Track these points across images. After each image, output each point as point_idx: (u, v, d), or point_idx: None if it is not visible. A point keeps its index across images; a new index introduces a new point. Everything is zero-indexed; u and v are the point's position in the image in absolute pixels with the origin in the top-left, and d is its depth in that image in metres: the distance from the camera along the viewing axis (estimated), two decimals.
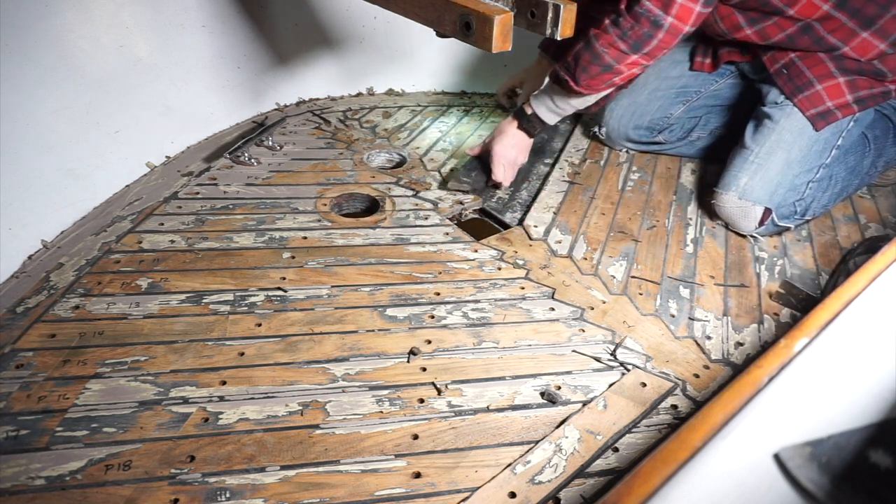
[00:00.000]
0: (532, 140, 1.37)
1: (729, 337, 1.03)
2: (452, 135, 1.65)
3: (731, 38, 1.28)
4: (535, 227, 1.27)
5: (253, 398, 0.83)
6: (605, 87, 1.18)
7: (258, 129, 1.51)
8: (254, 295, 1.02)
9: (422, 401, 0.85)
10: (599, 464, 0.79)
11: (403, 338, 0.96)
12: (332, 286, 1.05)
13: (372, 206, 1.33)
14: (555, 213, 1.33)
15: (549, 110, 1.29)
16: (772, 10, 1.17)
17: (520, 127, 1.33)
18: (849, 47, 1.17)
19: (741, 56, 1.36)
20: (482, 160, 1.42)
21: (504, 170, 1.34)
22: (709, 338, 1.02)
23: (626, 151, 1.60)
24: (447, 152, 1.55)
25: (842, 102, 1.20)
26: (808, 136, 1.22)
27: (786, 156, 1.23)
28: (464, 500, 0.73)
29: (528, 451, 0.79)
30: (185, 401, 0.82)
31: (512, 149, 1.34)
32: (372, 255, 1.14)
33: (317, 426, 0.80)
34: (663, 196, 1.43)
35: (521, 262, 1.16)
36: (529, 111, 1.30)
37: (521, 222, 1.29)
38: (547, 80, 1.26)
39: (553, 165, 1.52)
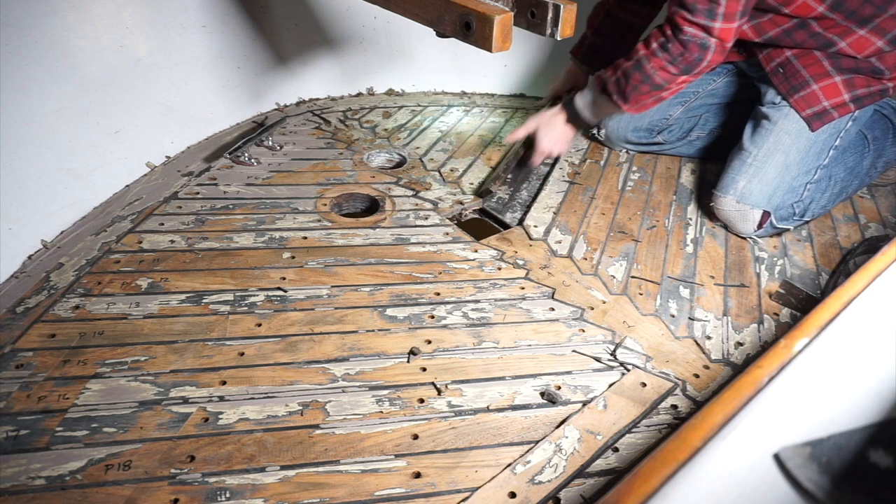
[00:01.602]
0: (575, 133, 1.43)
1: (729, 337, 1.03)
2: (452, 135, 1.65)
3: None
4: (535, 227, 1.27)
5: (253, 398, 0.83)
6: (652, 102, 1.23)
7: (258, 129, 1.51)
8: (254, 295, 1.02)
9: (422, 401, 0.85)
10: (599, 464, 0.79)
11: (403, 338, 0.96)
12: (332, 286, 1.05)
13: (372, 206, 1.33)
14: (555, 213, 1.33)
15: (594, 115, 1.35)
16: (767, 9, 1.17)
17: (568, 121, 1.38)
18: (845, 43, 1.17)
19: (738, 55, 1.36)
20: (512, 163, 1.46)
21: (543, 157, 1.42)
22: (709, 338, 1.02)
23: (626, 152, 1.60)
24: (447, 152, 1.55)
25: (838, 102, 1.20)
26: (805, 137, 1.22)
27: (783, 158, 1.23)
28: (464, 500, 0.73)
29: (528, 451, 0.79)
30: (185, 401, 0.82)
31: (557, 143, 1.40)
32: (372, 255, 1.14)
33: (317, 426, 0.80)
34: (663, 196, 1.43)
35: (521, 263, 1.16)
36: (581, 109, 1.35)
37: (521, 222, 1.29)
38: (593, 86, 1.32)
39: (553, 165, 1.52)
